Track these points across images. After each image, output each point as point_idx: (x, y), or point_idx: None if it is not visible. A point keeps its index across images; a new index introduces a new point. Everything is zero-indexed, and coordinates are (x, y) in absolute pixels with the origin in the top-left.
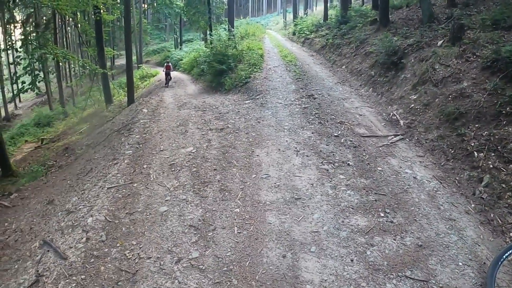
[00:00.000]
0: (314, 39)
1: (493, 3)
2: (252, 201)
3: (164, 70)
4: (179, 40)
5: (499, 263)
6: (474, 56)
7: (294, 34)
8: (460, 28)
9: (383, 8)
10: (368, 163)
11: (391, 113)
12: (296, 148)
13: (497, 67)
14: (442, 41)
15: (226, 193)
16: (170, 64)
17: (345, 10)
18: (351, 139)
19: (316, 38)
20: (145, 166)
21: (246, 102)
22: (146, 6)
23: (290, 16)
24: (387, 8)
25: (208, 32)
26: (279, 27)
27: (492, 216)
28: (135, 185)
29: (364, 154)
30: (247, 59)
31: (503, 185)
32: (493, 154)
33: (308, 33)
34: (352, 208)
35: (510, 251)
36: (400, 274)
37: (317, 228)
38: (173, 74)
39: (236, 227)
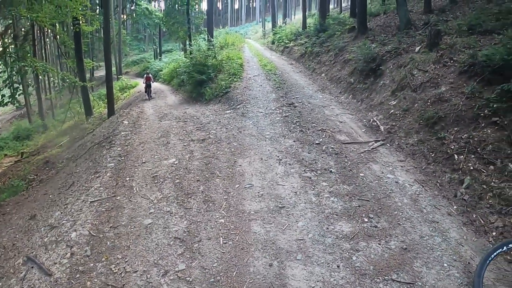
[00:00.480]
0: (293, 47)
1: (469, 8)
2: (237, 211)
3: (144, 81)
4: (158, 51)
5: (487, 262)
6: (452, 61)
7: (273, 43)
8: (437, 34)
9: (361, 15)
10: (350, 170)
11: (371, 119)
12: (278, 156)
13: (474, 71)
14: (419, 47)
15: (210, 204)
16: (150, 75)
17: (323, 19)
18: (332, 146)
19: (295, 47)
20: (127, 178)
21: (227, 112)
22: (125, 16)
23: (269, 25)
24: (364, 15)
25: (187, 42)
26: (258, 36)
27: (474, 216)
28: (118, 198)
29: (346, 160)
30: (227, 68)
31: (484, 186)
32: (473, 156)
33: (287, 41)
34: (336, 215)
35: (497, 251)
36: (386, 277)
37: (302, 235)
38: (153, 85)
39: (221, 238)
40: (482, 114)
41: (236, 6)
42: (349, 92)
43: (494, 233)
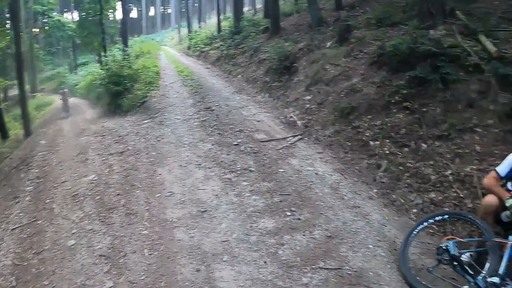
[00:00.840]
0: (209, 51)
1: (377, 3)
2: (159, 221)
3: (61, 97)
4: (73, 64)
5: (410, 239)
6: (362, 53)
7: (189, 48)
8: (346, 28)
9: (274, 16)
10: (270, 167)
11: (288, 116)
12: (197, 161)
13: (383, 61)
14: (330, 42)
15: (133, 217)
16: (66, 90)
17: (238, 21)
18: (251, 145)
19: (211, 51)
20: (47, 200)
21: (145, 121)
22: (37, 30)
23: (184, 31)
24: (278, 15)
25: (102, 54)
26: (174, 42)
27: (394, 197)
28: (40, 222)
29: (265, 158)
30: (143, 78)
31: (401, 168)
32: (387, 141)
33: (203, 46)
34: (259, 212)
35: (419, 227)
36: (314, 266)
37: (227, 237)
38: (70, 100)
39: (146, 250)
40: (393, 101)
41: (151, 13)
42: (266, 91)
43: (414, 210)
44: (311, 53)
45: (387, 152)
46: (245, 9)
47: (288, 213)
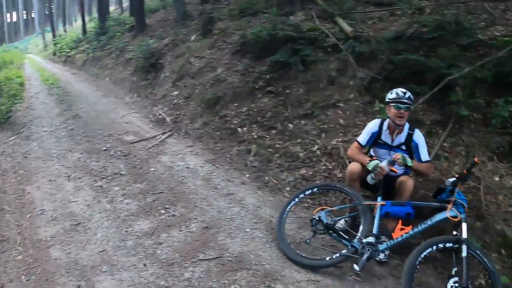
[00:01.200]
0: (75, 56)
1: None
2: (33, 242)
3: None
4: None
5: (284, 215)
6: (225, 44)
7: (55, 54)
8: (209, 20)
9: (139, 13)
10: (141, 167)
11: (157, 113)
12: (67, 173)
13: (245, 49)
14: (195, 35)
15: (5, 243)
16: None
17: (103, 21)
18: (121, 149)
19: (77, 55)
20: None
21: (11, 138)
22: None
23: (50, 36)
24: (143, 12)
25: None
26: (39, 49)
27: (267, 179)
28: None
29: (135, 160)
30: (6, 91)
31: (270, 150)
32: (255, 125)
33: (68, 50)
34: (133, 215)
35: (292, 203)
36: (194, 260)
37: (103, 246)
38: None
39: (23, 276)
40: (257, 87)
41: (13, 19)
42: (134, 91)
43: (287, 188)
44: (176, 48)
45: (256, 136)
46: (112, 8)
47: (163, 211)
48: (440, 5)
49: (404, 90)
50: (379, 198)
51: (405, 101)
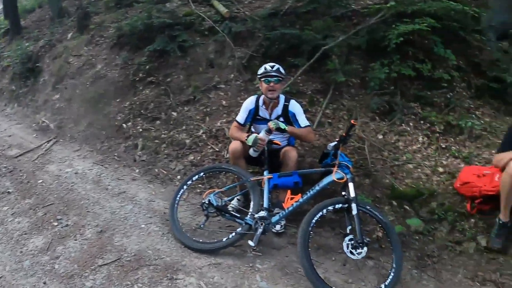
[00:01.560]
0: None
1: None
2: None
3: None
4: None
5: (175, 205)
6: (103, 39)
7: None
8: (84, 15)
9: (13, 15)
10: (28, 181)
11: (40, 121)
12: None
13: (123, 42)
14: (71, 33)
15: None
16: None
17: None
18: (5, 165)
19: None
20: None
21: None
22: None
23: None
24: (17, 14)
25: None
26: None
27: (156, 171)
28: None
29: (22, 174)
30: None
31: (157, 141)
32: (139, 119)
33: None
34: (26, 234)
35: (181, 191)
36: (93, 267)
37: (1, 273)
38: None
39: None
40: (137, 79)
41: None
42: (14, 101)
43: (178, 177)
44: (53, 49)
45: (141, 130)
46: None
47: (55, 223)
48: None
49: (272, 64)
50: (265, 172)
51: (273, 74)
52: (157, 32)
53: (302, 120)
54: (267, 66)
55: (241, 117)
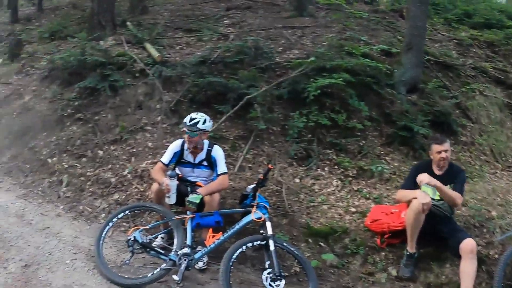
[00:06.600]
0: None
1: (54, 15)
2: None
3: None
4: None
5: (101, 242)
6: (33, 69)
7: None
8: (17, 43)
9: None
10: None
11: None
12: None
13: (54, 75)
14: (2, 59)
15: None
16: None
17: None
18: None
19: None
20: None
21: None
22: None
23: None
24: None
25: None
26: None
27: (81, 208)
28: None
29: None
30: None
31: (82, 178)
32: (65, 155)
33: None
34: None
35: (106, 228)
36: None
37: None
38: None
39: None
40: (66, 114)
41: None
42: None
43: (103, 215)
44: None
45: (66, 166)
46: None
47: None
48: (243, 32)
49: (194, 117)
50: (188, 212)
51: (190, 128)
52: (90, 69)
53: (221, 167)
54: (188, 118)
55: (166, 158)
